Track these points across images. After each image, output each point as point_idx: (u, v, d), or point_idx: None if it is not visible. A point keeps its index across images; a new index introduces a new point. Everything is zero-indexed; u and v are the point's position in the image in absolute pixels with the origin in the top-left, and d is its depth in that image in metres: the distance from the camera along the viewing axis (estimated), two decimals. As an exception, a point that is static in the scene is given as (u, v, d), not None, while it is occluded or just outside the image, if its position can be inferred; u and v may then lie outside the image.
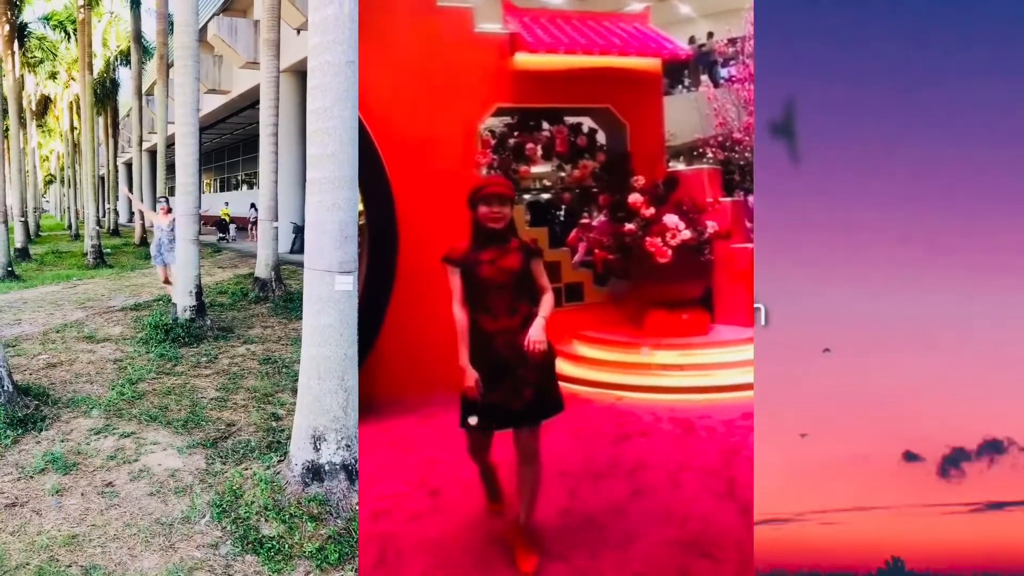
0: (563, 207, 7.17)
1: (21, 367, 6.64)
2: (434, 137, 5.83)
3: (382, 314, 5.52)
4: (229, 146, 34.82)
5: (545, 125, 6.77)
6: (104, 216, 30.26)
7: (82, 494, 4.05)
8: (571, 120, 6.86)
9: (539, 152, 6.67)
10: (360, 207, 5.63)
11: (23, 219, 19.83)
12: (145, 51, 23.32)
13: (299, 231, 17.64)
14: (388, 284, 5.56)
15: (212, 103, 23.22)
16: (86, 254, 17.50)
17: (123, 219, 35.89)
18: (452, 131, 5.94)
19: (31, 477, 4.25)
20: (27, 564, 3.30)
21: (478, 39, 6.19)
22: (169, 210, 9.88)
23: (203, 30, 16.23)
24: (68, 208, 35.10)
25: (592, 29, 6.82)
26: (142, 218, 23.06)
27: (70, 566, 3.29)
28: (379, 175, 5.52)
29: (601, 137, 7.06)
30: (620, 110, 6.73)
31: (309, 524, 3.56)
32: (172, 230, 9.41)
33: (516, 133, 6.64)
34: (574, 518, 3.53)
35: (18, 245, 17.84)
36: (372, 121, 5.46)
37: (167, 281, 9.77)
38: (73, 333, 8.42)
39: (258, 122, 11.79)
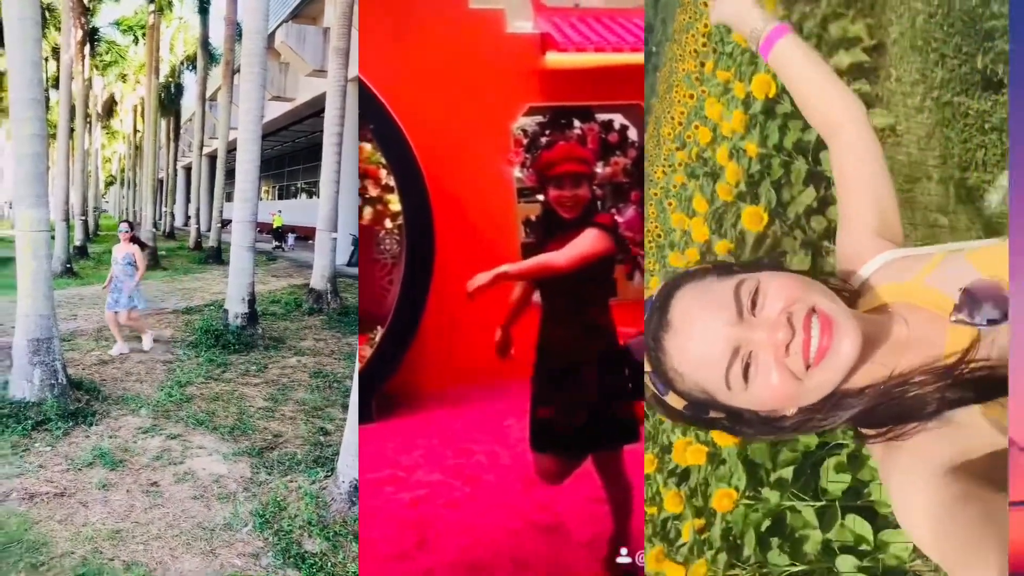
0: (598, 204, 7.32)
1: (75, 362, 6.96)
2: (468, 137, 6.16)
3: (421, 308, 5.77)
4: (289, 154, 35.93)
5: (576, 123, 6.97)
6: (160, 219, 31.59)
7: (127, 491, 4.20)
8: (602, 117, 7.04)
9: (570, 150, 6.84)
10: (398, 208, 6.08)
11: (83, 218, 20.88)
12: (211, 57, 24.40)
13: (357, 243, 17.87)
14: (427, 279, 5.82)
15: (275, 110, 24.02)
16: (141, 256, 18.19)
17: (179, 222, 37.30)
18: (486, 131, 6.27)
19: (79, 469, 4.45)
20: (72, 553, 3.45)
21: (510, 40, 6.50)
22: (133, 239, 7.80)
23: (270, 36, 16.86)
24: (126, 209, 36.84)
25: (622, 26, 7.05)
26: (198, 222, 23.98)
27: (112, 560, 3.42)
28: (415, 176, 5.83)
29: (632, 134, 7.18)
30: (652, 106, 6.86)
31: (354, 544, 3.60)
32: (128, 264, 7.60)
33: (548, 132, 6.87)
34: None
35: (77, 243, 18.71)
36: (408, 123, 5.77)
37: (121, 327, 7.76)
38: (125, 332, 8.75)
39: (320, 130, 12.06)
